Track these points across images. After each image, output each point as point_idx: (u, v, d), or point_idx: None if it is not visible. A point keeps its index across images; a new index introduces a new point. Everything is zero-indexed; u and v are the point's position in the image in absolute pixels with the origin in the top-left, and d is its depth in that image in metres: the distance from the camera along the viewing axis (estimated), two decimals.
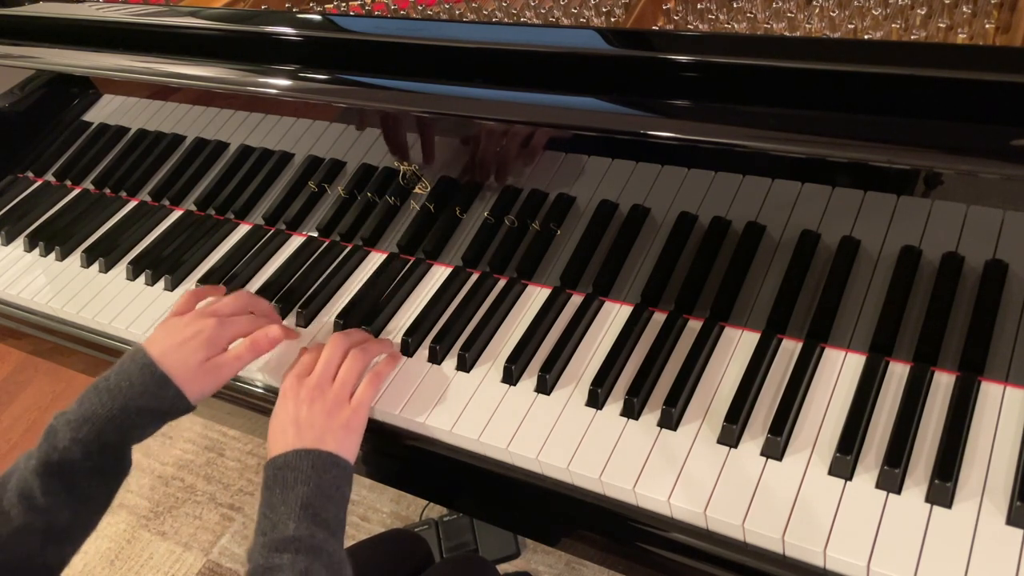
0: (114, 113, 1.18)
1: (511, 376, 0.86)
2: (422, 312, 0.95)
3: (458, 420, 0.84)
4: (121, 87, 1.14)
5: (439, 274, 1.00)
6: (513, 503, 0.85)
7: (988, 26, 0.77)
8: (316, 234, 1.09)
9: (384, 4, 1.04)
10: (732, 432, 0.75)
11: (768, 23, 0.84)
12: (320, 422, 0.78)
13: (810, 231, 0.77)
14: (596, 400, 0.81)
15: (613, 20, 0.91)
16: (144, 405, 0.77)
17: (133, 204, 1.24)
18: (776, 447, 0.74)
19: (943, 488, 0.67)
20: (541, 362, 0.86)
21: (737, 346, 0.84)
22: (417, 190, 0.98)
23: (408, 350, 0.92)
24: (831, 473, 0.72)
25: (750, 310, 0.84)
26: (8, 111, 1.26)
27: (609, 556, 0.83)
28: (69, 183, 1.31)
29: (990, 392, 0.74)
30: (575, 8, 0.94)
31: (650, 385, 0.82)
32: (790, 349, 0.82)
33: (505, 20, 0.96)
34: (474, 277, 0.98)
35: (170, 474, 1.86)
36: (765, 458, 0.74)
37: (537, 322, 0.90)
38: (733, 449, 0.75)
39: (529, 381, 0.86)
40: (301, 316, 0.98)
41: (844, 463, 0.71)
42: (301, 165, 1.05)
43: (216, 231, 1.14)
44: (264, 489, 0.74)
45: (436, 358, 0.90)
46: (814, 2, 0.84)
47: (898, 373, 0.78)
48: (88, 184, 1.29)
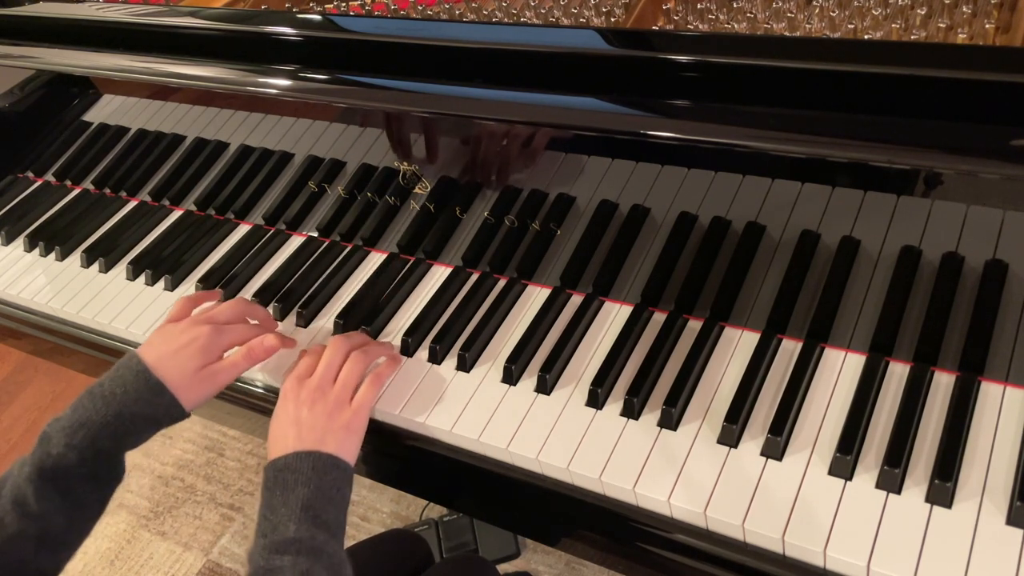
0: (114, 113, 1.18)
1: (511, 376, 0.86)
2: (422, 312, 0.95)
3: (458, 420, 0.84)
4: (121, 87, 1.14)
5: (439, 274, 1.00)
6: (513, 503, 0.85)
7: (988, 26, 0.77)
8: (316, 234, 1.09)
9: (384, 4, 1.04)
10: (732, 432, 0.75)
11: (768, 23, 0.84)
12: (321, 424, 0.78)
13: (810, 231, 0.77)
14: (596, 400, 0.81)
15: (613, 20, 0.91)
16: (139, 412, 0.77)
17: (133, 204, 1.24)
18: (776, 447, 0.74)
19: (943, 488, 0.67)
20: (541, 362, 0.86)
21: (737, 346, 0.84)
22: (417, 190, 0.98)
23: (408, 350, 0.92)
24: (831, 473, 0.72)
25: (750, 310, 0.84)
26: (8, 111, 1.26)
27: (609, 556, 0.83)
28: (69, 183, 1.31)
29: (990, 392, 0.74)
30: (575, 8, 0.94)
31: (650, 385, 0.82)
32: (790, 349, 0.82)
33: (505, 20, 0.96)
34: (474, 277, 0.98)
35: (170, 474, 1.86)
36: (765, 458, 0.74)
37: (537, 322, 0.90)
38: (733, 449, 0.75)
39: (529, 381, 0.86)
40: (301, 316, 0.98)
41: (844, 463, 0.71)
42: (301, 165, 1.05)
43: (216, 231, 1.14)
44: (264, 491, 0.74)
45: (436, 358, 0.90)
46: (814, 2, 0.84)
47: (898, 373, 0.78)
48: (88, 184, 1.29)
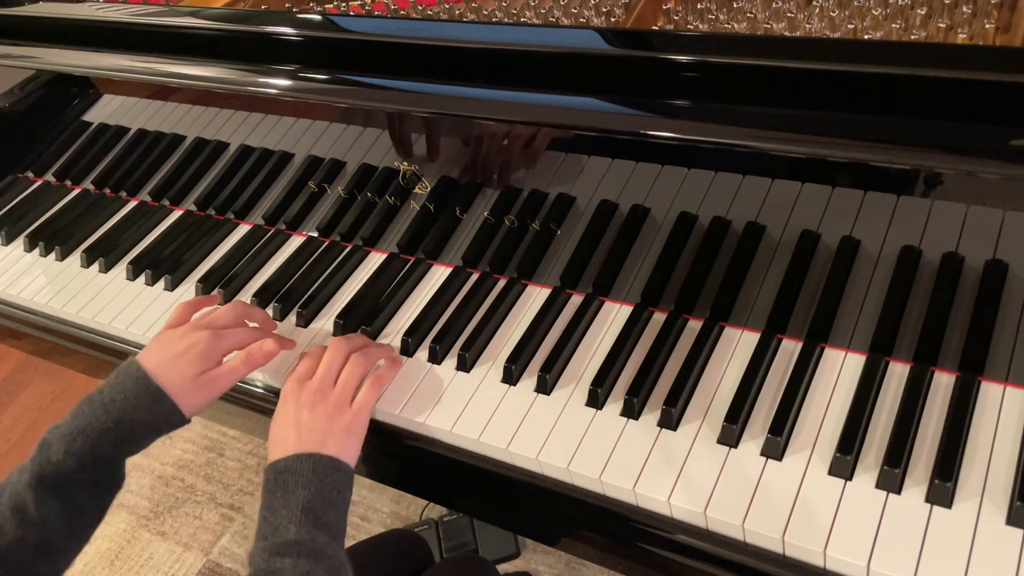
0: (114, 113, 1.18)
1: (511, 376, 0.86)
2: (422, 312, 0.95)
3: (458, 420, 0.84)
4: (121, 87, 1.14)
5: (439, 274, 1.00)
6: (513, 503, 0.85)
7: (988, 26, 0.77)
8: (316, 234, 1.09)
9: (384, 4, 1.04)
10: (732, 432, 0.75)
11: (768, 23, 0.84)
12: (321, 426, 0.78)
13: (810, 231, 0.77)
14: (596, 400, 0.81)
15: (613, 20, 0.91)
16: (139, 418, 0.77)
17: (133, 204, 1.24)
18: (776, 447, 0.74)
19: (943, 488, 0.67)
20: (541, 362, 0.86)
21: (737, 346, 0.84)
22: (417, 190, 0.98)
23: (408, 350, 0.92)
24: (831, 473, 0.72)
25: (750, 310, 0.84)
26: (8, 111, 1.26)
27: (609, 556, 0.83)
28: (69, 183, 1.31)
29: (990, 392, 0.74)
30: (575, 8, 0.94)
31: (650, 385, 0.82)
32: (790, 349, 0.82)
33: (505, 20, 0.96)
34: (474, 277, 0.98)
35: (170, 474, 1.86)
36: (765, 458, 0.74)
37: (537, 322, 0.90)
38: (733, 449, 0.75)
39: (529, 381, 0.86)
40: (301, 316, 0.98)
41: (844, 463, 0.71)
42: (301, 165, 1.05)
43: (216, 231, 1.14)
44: (265, 492, 0.74)
45: (436, 358, 0.90)
46: (814, 2, 0.84)
47: (898, 373, 0.78)
48: (88, 184, 1.29)
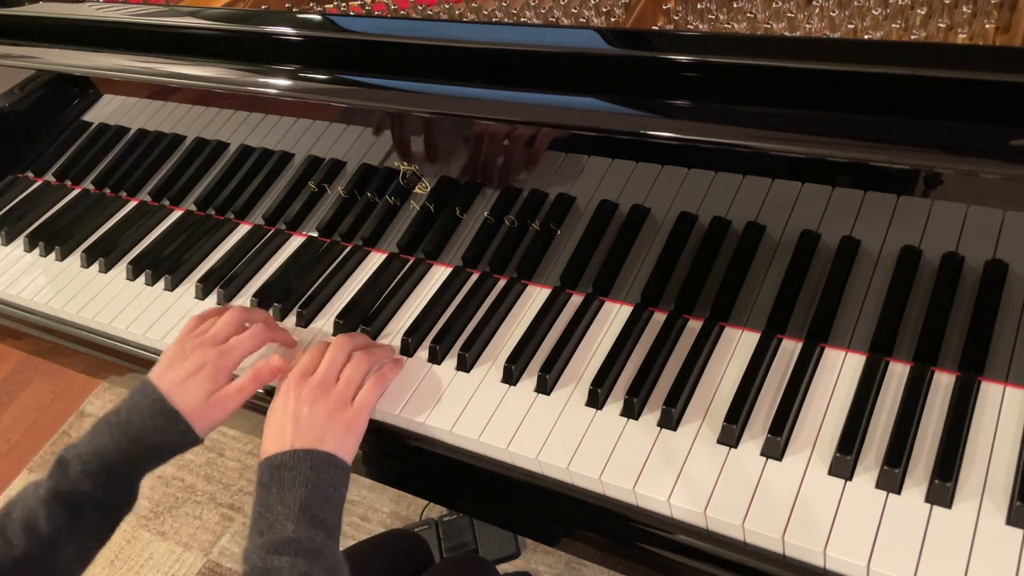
0: (114, 113, 1.18)
1: (511, 376, 0.86)
2: (422, 312, 0.95)
3: (458, 420, 0.83)
4: (121, 87, 1.14)
5: (439, 274, 1.00)
6: (513, 503, 0.85)
7: (988, 26, 0.77)
8: (316, 234, 1.09)
9: (384, 4, 1.04)
10: (732, 432, 0.75)
11: (768, 23, 0.84)
12: (321, 422, 0.78)
13: (810, 231, 0.77)
14: (596, 400, 0.81)
15: (613, 20, 0.91)
16: (155, 440, 0.78)
17: (133, 204, 1.24)
18: (776, 447, 0.74)
19: (943, 488, 0.67)
20: (541, 362, 0.86)
21: (737, 346, 0.84)
22: (417, 190, 0.98)
23: (408, 350, 0.92)
24: (831, 473, 0.72)
25: (750, 310, 0.84)
26: (8, 111, 1.26)
27: (609, 556, 0.83)
28: (69, 183, 1.31)
29: (990, 392, 0.74)
30: (575, 8, 0.94)
31: (650, 385, 0.82)
32: (790, 349, 0.82)
33: (505, 20, 0.96)
34: (474, 277, 0.98)
35: (170, 474, 1.86)
36: (765, 458, 0.74)
37: (537, 322, 0.90)
38: (733, 449, 0.75)
39: (529, 381, 0.86)
40: (301, 316, 0.98)
41: (844, 463, 0.71)
42: (301, 165, 1.05)
43: (216, 231, 1.14)
44: (259, 487, 0.74)
45: (436, 358, 0.90)
46: (814, 2, 0.84)
47: (898, 373, 0.78)
48: (88, 184, 1.29)
